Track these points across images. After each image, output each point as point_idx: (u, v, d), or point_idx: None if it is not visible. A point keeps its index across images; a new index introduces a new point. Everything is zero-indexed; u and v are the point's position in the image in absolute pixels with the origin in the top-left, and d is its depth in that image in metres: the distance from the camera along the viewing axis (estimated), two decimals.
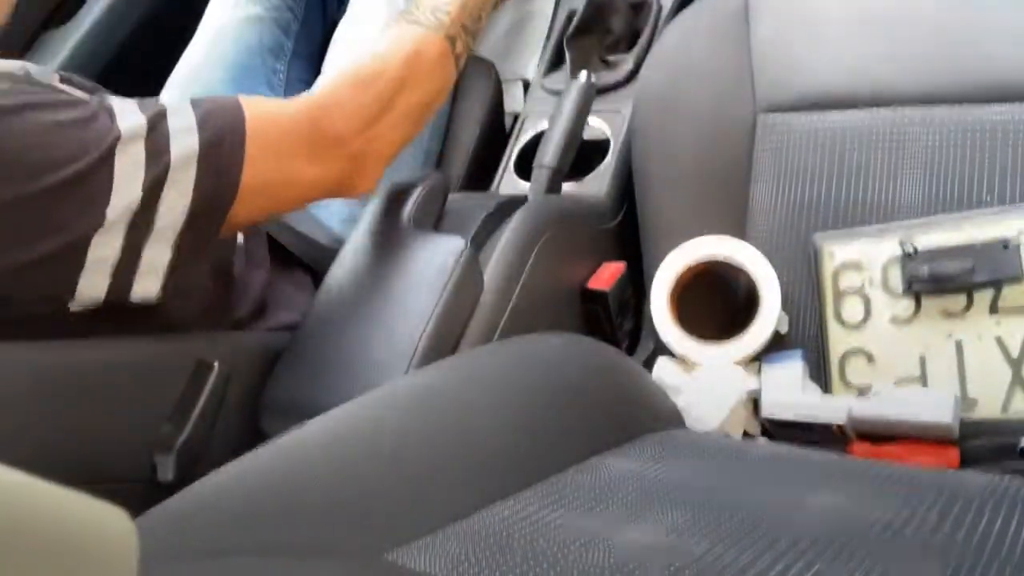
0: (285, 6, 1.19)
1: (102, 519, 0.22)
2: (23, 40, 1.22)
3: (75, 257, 0.63)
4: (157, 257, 0.66)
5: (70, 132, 0.63)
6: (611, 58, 1.08)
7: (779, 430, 0.80)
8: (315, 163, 0.72)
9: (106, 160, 0.63)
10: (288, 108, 0.73)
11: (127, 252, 0.65)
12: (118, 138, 0.63)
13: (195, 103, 0.69)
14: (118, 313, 0.68)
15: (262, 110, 0.71)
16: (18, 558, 0.19)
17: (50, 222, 0.62)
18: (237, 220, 0.70)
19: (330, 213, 1.02)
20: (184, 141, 0.66)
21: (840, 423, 0.75)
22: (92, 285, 0.65)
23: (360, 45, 1.10)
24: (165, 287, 0.68)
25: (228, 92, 1.11)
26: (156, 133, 0.65)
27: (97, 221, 0.62)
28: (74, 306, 0.66)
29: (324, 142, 0.72)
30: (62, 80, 0.79)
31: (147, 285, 0.67)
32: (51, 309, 0.66)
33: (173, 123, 0.66)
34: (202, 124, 0.67)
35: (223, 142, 0.67)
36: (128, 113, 0.66)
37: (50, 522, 0.21)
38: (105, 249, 0.64)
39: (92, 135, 0.63)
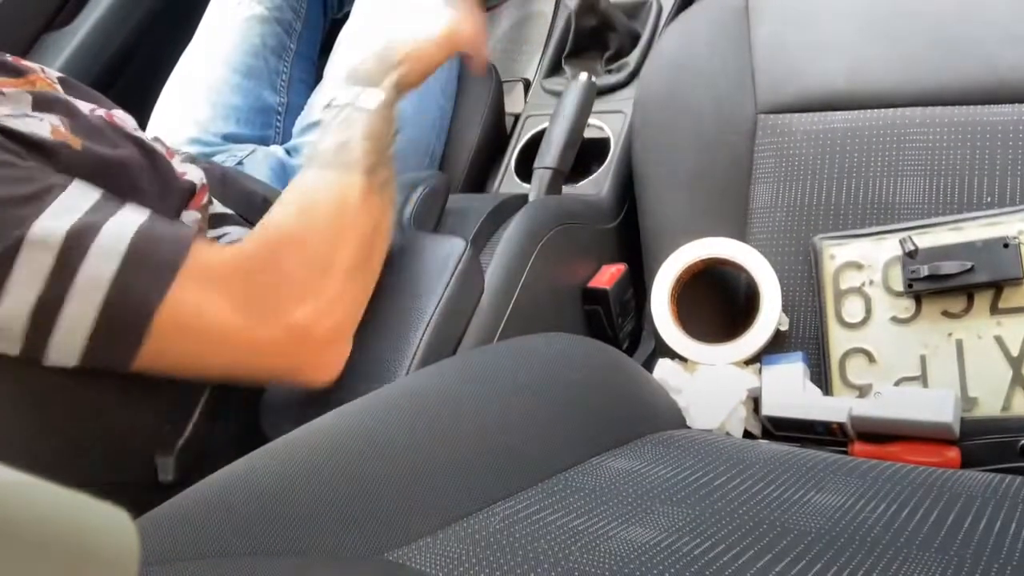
0: (287, 5, 1.19)
1: (104, 520, 0.22)
2: (25, 41, 1.22)
3: None
4: (63, 357, 0.59)
5: None
6: (613, 67, 1.08)
7: (780, 430, 0.80)
8: (246, 319, 0.62)
9: (5, 256, 0.55)
10: (225, 254, 0.65)
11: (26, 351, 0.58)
12: (22, 240, 0.56)
13: (149, 223, 0.61)
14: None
15: (208, 258, 0.62)
16: (19, 558, 0.19)
17: None
18: (152, 360, 0.61)
19: None
20: (102, 259, 0.58)
21: (841, 422, 0.75)
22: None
23: (363, 50, 1.10)
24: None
25: (232, 94, 1.12)
26: (74, 251, 0.57)
27: None
28: None
29: (259, 301, 0.63)
30: (63, 83, 0.79)
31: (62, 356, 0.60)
32: None
33: (99, 243, 0.58)
34: (131, 247, 0.59)
35: (142, 270, 0.59)
36: (61, 213, 0.58)
37: (51, 522, 0.21)
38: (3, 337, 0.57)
39: (5, 221, 0.56)
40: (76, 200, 0.60)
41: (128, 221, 0.60)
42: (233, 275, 0.63)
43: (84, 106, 0.75)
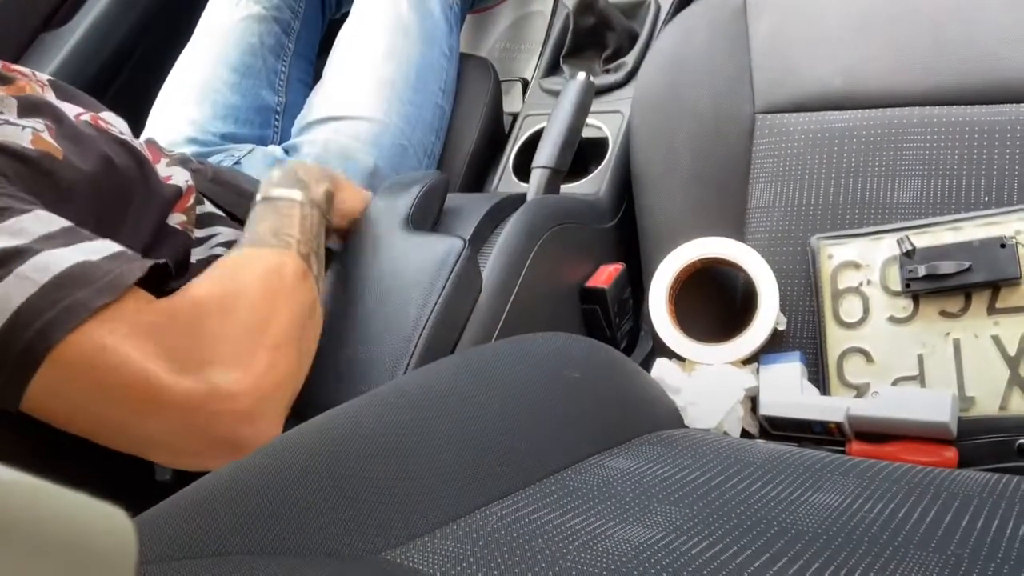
0: (285, 5, 1.19)
1: (101, 518, 0.22)
2: (22, 41, 1.22)
3: None
4: None
5: None
6: (611, 66, 1.08)
7: (777, 429, 0.80)
8: (167, 373, 0.57)
9: None
10: (158, 305, 0.61)
11: None
12: None
13: (91, 263, 0.57)
14: None
15: (135, 299, 0.58)
16: (17, 557, 0.19)
17: None
18: (44, 399, 0.56)
19: None
20: (14, 291, 0.54)
21: (838, 422, 0.75)
22: None
23: (363, 50, 1.10)
24: None
25: (230, 93, 1.12)
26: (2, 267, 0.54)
27: None
28: None
29: (183, 354, 0.58)
30: (53, 85, 0.79)
31: None
32: None
33: (25, 268, 0.55)
34: (53, 281, 0.55)
35: (54, 305, 0.54)
36: (4, 235, 0.55)
37: (49, 521, 0.21)
38: None
39: None
40: (28, 225, 0.57)
41: (67, 256, 0.56)
42: (159, 325, 0.58)
43: (71, 110, 0.75)
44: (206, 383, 0.58)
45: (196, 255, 0.78)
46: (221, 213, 0.84)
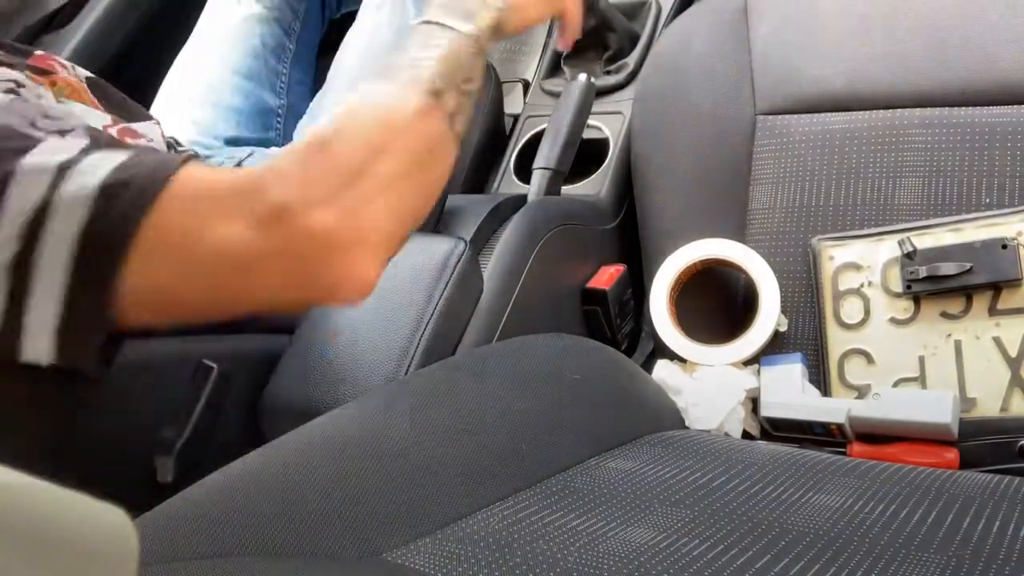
0: (286, 5, 1.18)
1: (103, 519, 0.22)
2: (24, 41, 1.22)
3: None
4: (43, 311, 0.57)
5: None
6: (612, 68, 1.08)
7: (778, 430, 0.80)
8: (252, 231, 0.58)
9: None
10: (227, 172, 0.62)
11: (8, 303, 0.55)
12: (11, 173, 0.55)
13: (136, 155, 0.60)
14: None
15: (194, 168, 0.60)
16: (19, 558, 0.19)
17: None
18: (142, 279, 0.57)
19: None
20: (84, 180, 0.56)
21: (839, 423, 0.75)
22: None
23: (370, 54, 1.10)
24: (60, 350, 0.57)
25: (233, 95, 1.12)
26: (63, 176, 0.56)
27: None
28: None
29: (263, 208, 0.58)
30: (92, 85, 0.79)
31: (37, 345, 0.57)
32: None
33: (88, 161, 0.57)
34: (120, 167, 0.58)
35: (129, 185, 0.57)
36: (43, 151, 0.57)
37: (51, 522, 0.21)
38: None
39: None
40: (69, 143, 0.59)
41: (116, 155, 0.58)
42: (237, 187, 0.59)
43: (99, 118, 0.75)
44: (297, 235, 0.58)
45: None
46: None
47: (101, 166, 0.57)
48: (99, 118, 0.75)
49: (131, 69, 1.27)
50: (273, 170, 0.59)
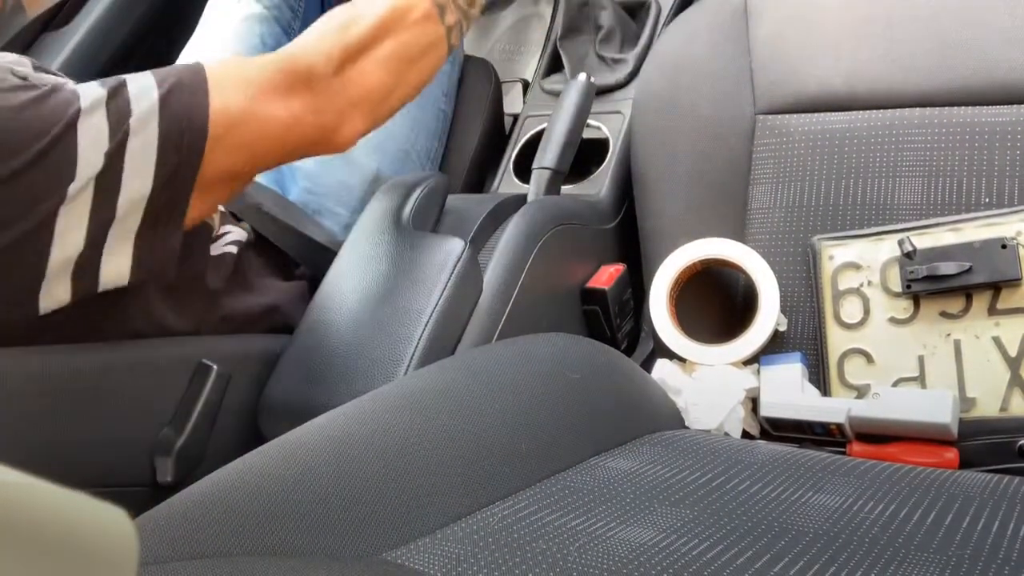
0: (285, 4, 1.18)
1: (102, 519, 0.22)
2: (23, 42, 1.22)
3: (41, 238, 0.61)
4: (127, 224, 0.64)
5: (28, 113, 0.62)
6: (609, 56, 1.08)
7: (778, 430, 0.80)
8: (286, 99, 0.70)
9: (67, 134, 0.62)
10: (255, 58, 0.73)
11: (94, 226, 0.63)
12: (79, 111, 0.63)
13: (157, 70, 0.69)
14: (91, 319, 0.67)
15: (225, 61, 0.71)
16: (17, 558, 0.19)
17: (16, 206, 0.60)
18: (216, 169, 0.68)
19: (334, 218, 1.02)
20: (144, 97, 0.65)
21: (839, 423, 0.75)
22: (60, 271, 0.62)
23: None
24: (137, 266, 0.65)
25: None
26: (117, 99, 0.64)
27: (61, 196, 0.61)
28: (44, 306, 0.64)
29: (293, 77, 0.71)
30: (35, 68, 0.79)
31: (117, 264, 0.65)
32: (20, 315, 0.63)
33: (133, 87, 0.66)
34: (161, 80, 0.67)
35: (182, 85, 0.66)
36: (89, 88, 0.65)
37: (50, 522, 0.21)
38: (71, 227, 0.62)
39: (49, 112, 0.62)
40: (90, 84, 0.66)
41: (142, 75, 0.68)
42: (268, 68, 0.71)
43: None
44: (318, 94, 0.72)
45: (213, 250, 0.80)
46: (227, 212, 0.85)
47: (140, 80, 0.67)
48: None
49: (131, 69, 1.27)
50: (296, 46, 0.73)
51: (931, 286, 0.77)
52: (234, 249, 0.81)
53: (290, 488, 0.49)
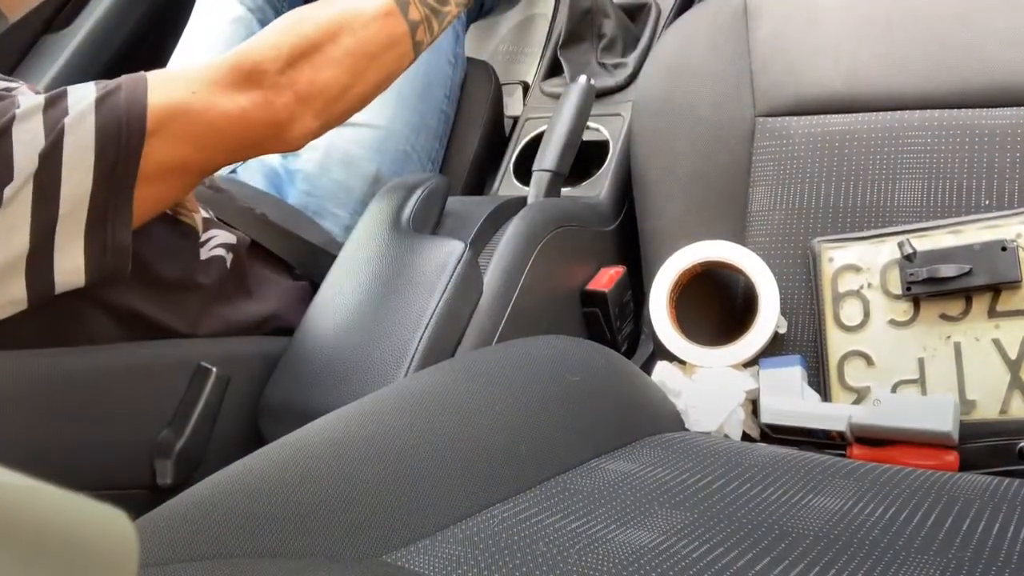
0: (269, 6, 1.18)
1: (102, 521, 0.22)
2: (23, 44, 1.22)
3: None
4: (73, 221, 0.64)
5: None
6: (609, 62, 1.08)
7: (778, 433, 0.80)
8: (231, 94, 0.70)
9: (2, 139, 0.62)
10: (202, 62, 0.73)
11: (37, 226, 0.63)
12: (13, 117, 0.63)
13: (99, 81, 0.70)
14: (74, 320, 0.67)
15: (169, 68, 0.73)
16: (17, 560, 0.19)
17: None
18: (159, 162, 0.68)
19: (333, 220, 1.02)
20: (82, 100, 0.66)
21: (840, 431, 0.75)
22: (10, 271, 0.63)
23: None
24: (90, 264, 0.65)
25: None
26: (54, 106, 0.65)
27: None
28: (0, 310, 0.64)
29: (240, 73, 0.71)
30: None
31: (70, 263, 0.65)
32: None
33: (73, 95, 0.66)
34: (102, 87, 0.67)
35: (120, 87, 0.67)
36: (29, 97, 0.66)
37: (49, 524, 0.21)
38: (14, 227, 0.62)
39: None
40: (33, 95, 0.67)
41: (84, 85, 0.68)
42: (214, 66, 0.71)
43: None
44: (266, 90, 0.71)
45: (202, 254, 0.79)
46: (214, 217, 0.85)
47: (80, 89, 0.67)
48: None
49: (131, 71, 1.27)
50: (246, 44, 0.73)
51: (931, 288, 0.77)
52: (223, 252, 0.81)
53: (290, 490, 0.49)
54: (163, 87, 0.68)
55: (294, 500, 0.48)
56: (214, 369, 0.73)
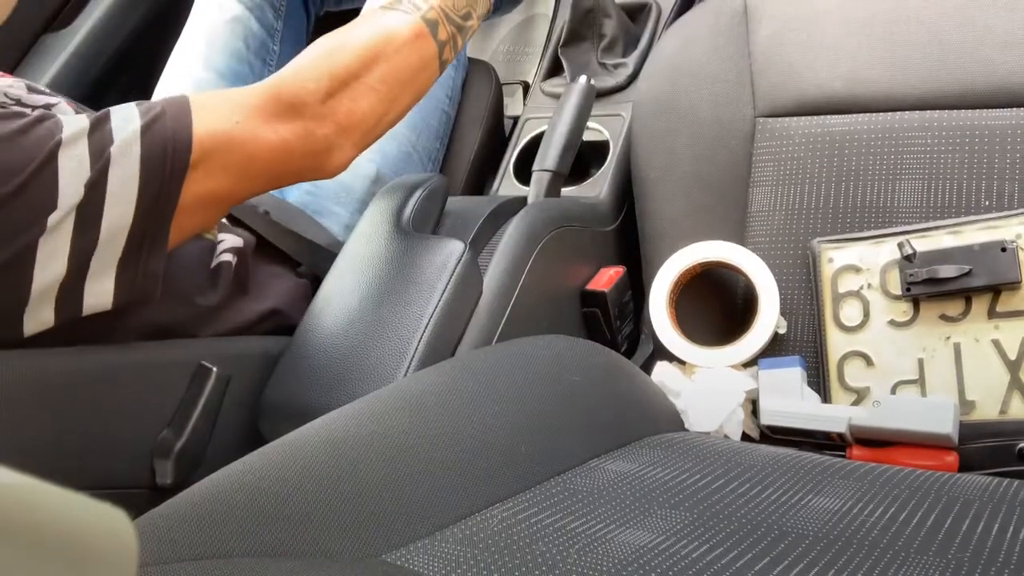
0: (268, 4, 1.18)
1: (102, 520, 0.22)
2: (23, 43, 1.22)
3: (23, 267, 0.61)
4: (109, 251, 0.64)
5: (10, 145, 0.62)
6: (610, 62, 1.08)
7: (777, 433, 0.80)
8: (274, 124, 0.70)
9: (48, 165, 0.62)
10: (244, 87, 0.73)
11: (75, 255, 0.63)
12: (60, 142, 0.62)
13: (140, 102, 0.69)
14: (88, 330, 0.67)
15: (212, 92, 0.70)
16: (17, 559, 0.19)
17: None
18: (198, 193, 0.67)
19: (334, 219, 1.02)
20: (126, 126, 0.65)
21: (840, 432, 0.75)
22: (43, 297, 0.63)
23: None
24: (120, 291, 0.65)
25: None
26: (99, 131, 0.64)
27: (41, 227, 0.61)
28: (28, 329, 0.64)
29: (281, 103, 0.70)
30: (29, 89, 0.79)
31: (100, 289, 0.65)
32: (5, 336, 0.63)
33: (116, 118, 0.65)
34: (145, 110, 0.67)
35: (165, 113, 0.66)
36: (72, 119, 0.65)
37: (49, 523, 0.21)
38: (53, 256, 0.62)
39: (31, 144, 0.62)
40: (75, 116, 0.66)
41: (126, 106, 0.68)
42: (254, 96, 0.71)
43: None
44: (307, 121, 0.71)
45: (211, 262, 0.80)
46: (224, 220, 0.85)
47: (123, 111, 0.66)
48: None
49: (131, 70, 1.27)
50: (283, 75, 0.72)
51: (931, 289, 0.77)
52: (229, 257, 0.81)
53: (290, 490, 0.49)
54: (207, 114, 0.67)
55: (294, 499, 0.48)
56: (214, 369, 0.73)
